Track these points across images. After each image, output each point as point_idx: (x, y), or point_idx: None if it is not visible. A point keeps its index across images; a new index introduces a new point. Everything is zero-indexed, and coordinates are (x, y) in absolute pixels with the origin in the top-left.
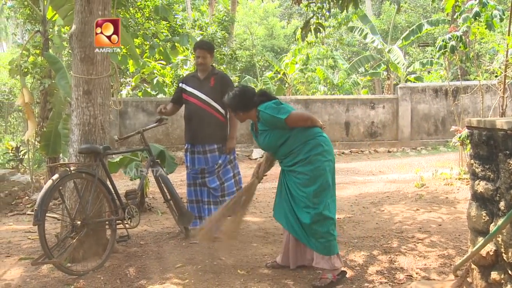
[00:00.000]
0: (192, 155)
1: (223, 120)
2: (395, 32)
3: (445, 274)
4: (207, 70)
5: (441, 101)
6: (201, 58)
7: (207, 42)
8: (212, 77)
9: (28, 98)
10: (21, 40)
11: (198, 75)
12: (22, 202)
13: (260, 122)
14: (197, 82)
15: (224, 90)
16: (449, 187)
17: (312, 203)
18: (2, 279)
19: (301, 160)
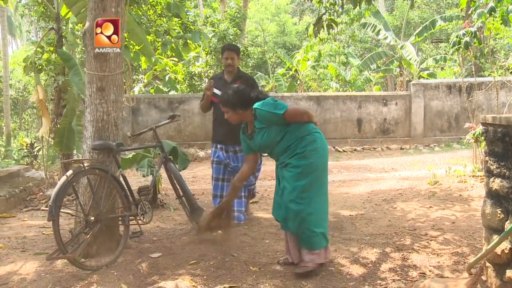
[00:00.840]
0: (227, 153)
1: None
2: (408, 28)
3: (458, 272)
4: (234, 72)
5: (455, 98)
6: (230, 59)
7: (234, 44)
8: (238, 80)
9: (42, 95)
10: (35, 37)
11: (225, 78)
12: (36, 197)
13: (257, 120)
14: (224, 84)
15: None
16: (462, 185)
17: (298, 198)
18: (17, 274)
19: (297, 154)
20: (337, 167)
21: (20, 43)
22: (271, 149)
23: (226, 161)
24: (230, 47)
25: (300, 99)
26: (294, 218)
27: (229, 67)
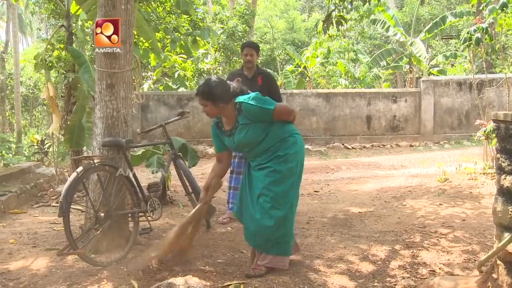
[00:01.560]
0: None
1: None
2: (418, 24)
3: (469, 270)
4: (253, 69)
5: (465, 95)
6: (249, 55)
7: (254, 42)
8: (259, 76)
9: (52, 92)
10: (46, 34)
11: (245, 74)
12: (47, 194)
13: (241, 115)
14: (246, 81)
15: (270, 89)
16: (473, 182)
17: (278, 204)
18: (29, 269)
19: (277, 157)
20: (346, 164)
21: (31, 41)
22: (251, 148)
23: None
24: (249, 44)
25: (309, 96)
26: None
27: (248, 63)
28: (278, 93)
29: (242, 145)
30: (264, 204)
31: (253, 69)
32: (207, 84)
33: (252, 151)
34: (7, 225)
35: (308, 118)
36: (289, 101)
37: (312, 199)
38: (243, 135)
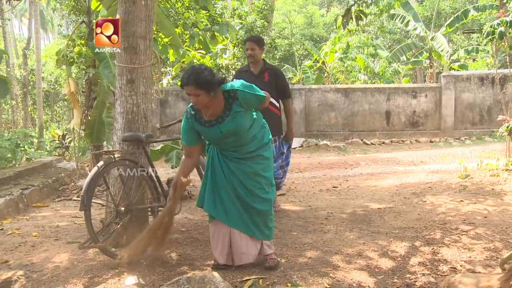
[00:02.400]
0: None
1: (279, 114)
2: (438, 19)
3: (491, 268)
4: (259, 64)
5: (487, 90)
6: (250, 50)
7: (256, 35)
8: (266, 72)
9: (73, 87)
10: (66, 31)
11: (251, 70)
12: (68, 188)
13: (236, 103)
14: (252, 77)
15: (278, 85)
16: (495, 178)
17: (269, 188)
18: (51, 261)
19: (264, 144)
20: (364, 160)
21: (52, 37)
22: (238, 138)
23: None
24: (250, 38)
25: (328, 92)
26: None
27: (250, 58)
28: (287, 88)
29: (230, 133)
30: (258, 190)
31: (258, 65)
32: (197, 72)
33: (238, 140)
34: (30, 218)
35: (326, 114)
36: (307, 96)
37: (331, 194)
38: (235, 123)
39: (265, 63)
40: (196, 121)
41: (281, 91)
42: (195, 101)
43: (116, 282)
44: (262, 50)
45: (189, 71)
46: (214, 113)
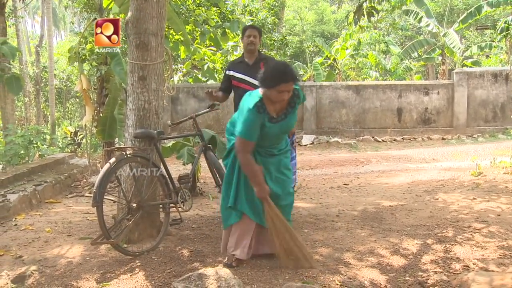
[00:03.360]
0: None
1: None
2: (451, 15)
3: (505, 266)
4: (255, 54)
5: (501, 87)
6: (252, 37)
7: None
8: (261, 62)
9: (86, 84)
10: (79, 28)
11: (246, 61)
12: (80, 184)
13: (298, 101)
14: (246, 68)
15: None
16: (509, 176)
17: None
18: (64, 257)
19: (288, 140)
20: (376, 157)
21: (64, 34)
22: (284, 135)
23: None
24: (251, 26)
25: (339, 88)
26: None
27: (251, 45)
28: None
29: (287, 130)
30: (288, 183)
31: (254, 55)
32: (291, 67)
33: (281, 137)
34: (43, 214)
35: (337, 111)
36: (318, 93)
37: (342, 192)
38: (293, 120)
39: (260, 54)
40: (263, 114)
41: None
42: (285, 97)
43: (128, 278)
44: (260, 40)
45: (284, 67)
46: (280, 109)
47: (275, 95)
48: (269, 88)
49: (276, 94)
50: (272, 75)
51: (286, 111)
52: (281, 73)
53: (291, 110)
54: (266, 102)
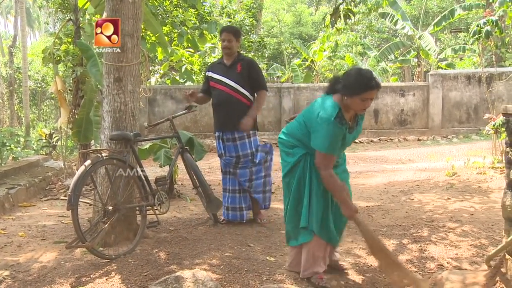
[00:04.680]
0: (223, 143)
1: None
2: (426, 18)
3: (477, 264)
4: (233, 56)
5: (474, 89)
6: (227, 41)
7: (233, 26)
8: (238, 63)
9: (60, 85)
10: (53, 29)
11: (224, 62)
12: (55, 187)
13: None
14: (223, 69)
15: (251, 76)
16: (481, 176)
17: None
18: (38, 261)
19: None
20: (353, 158)
21: (39, 35)
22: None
23: (221, 151)
24: (227, 29)
25: (317, 90)
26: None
27: (226, 49)
28: (261, 79)
29: (354, 139)
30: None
31: (232, 56)
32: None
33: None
34: (16, 218)
35: None
36: (296, 95)
37: None
38: (361, 126)
39: (239, 55)
40: (344, 125)
41: (254, 82)
42: (368, 106)
43: (103, 282)
44: (239, 42)
45: (370, 74)
46: (351, 118)
47: (357, 103)
48: (352, 96)
49: (359, 103)
50: (357, 82)
51: (356, 118)
52: (367, 80)
53: (360, 117)
54: (343, 111)
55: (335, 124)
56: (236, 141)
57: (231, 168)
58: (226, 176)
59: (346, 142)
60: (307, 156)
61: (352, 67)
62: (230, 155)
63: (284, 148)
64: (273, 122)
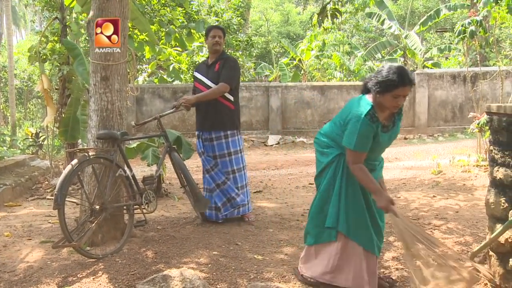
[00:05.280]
0: (203, 142)
1: (231, 107)
2: (412, 17)
3: (462, 261)
4: (218, 54)
5: (459, 88)
6: (218, 37)
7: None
8: (218, 62)
9: (47, 84)
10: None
11: (207, 61)
12: (42, 186)
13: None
14: (205, 69)
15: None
16: (466, 174)
17: None
18: (24, 261)
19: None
20: None
21: (25, 33)
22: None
23: (200, 150)
24: (216, 26)
25: (304, 89)
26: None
27: (216, 45)
28: (228, 73)
29: (392, 140)
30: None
31: (217, 55)
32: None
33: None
34: (2, 218)
35: (303, 111)
36: (284, 94)
37: (307, 191)
38: (399, 127)
39: (223, 53)
40: (376, 123)
41: (222, 76)
42: (401, 103)
43: (90, 281)
44: (224, 40)
45: (400, 70)
46: (387, 117)
47: (389, 100)
48: (383, 93)
49: (391, 100)
50: (388, 78)
51: (394, 118)
52: (398, 76)
53: (398, 117)
54: (377, 110)
55: (365, 121)
56: (213, 141)
57: (209, 167)
58: (204, 175)
59: (381, 142)
60: (341, 156)
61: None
62: (208, 154)
63: (319, 148)
64: (261, 121)
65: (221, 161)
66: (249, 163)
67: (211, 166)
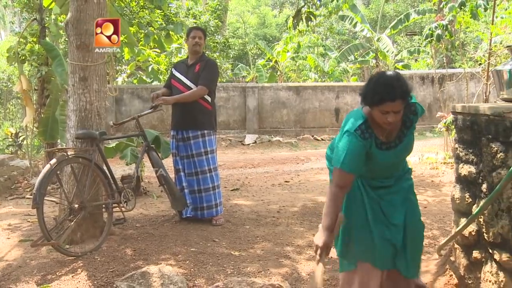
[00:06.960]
0: (177, 142)
1: (208, 107)
2: (383, 21)
3: (429, 254)
4: (198, 55)
5: (428, 88)
6: (198, 38)
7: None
8: (198, 63)
9: (26, 85)
10: (19, 28)
11: (187, 61)
12: (21, 186)
13: (415, 119)
14: (184, 68)
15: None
16: (434, 171)
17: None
18: (3, 260)
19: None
20: (315, 155)
21: (4, 34)
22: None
23: (174, 151)
24: (197, 27)
25: (280, 89)
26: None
27: (196, 46)
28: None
29: (403, 156)
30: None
31: (197, 55)
32: (402, 81)
33: (399, 165)
34: None
35: (279, 111)
36: (260, 94)
37: (283, 189)
38: (410, 143)
39: (203, 55)
40: (368, 140)
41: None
42: (394, 120)
43: (69, 279)
44: (204, 42)
45: (390, 80)
46: (392, 133)
47: (378, 116)
48: (371, 107)
49: (379, 116)
50: (374, 90)
51: (401, 133)
52: (386, 88)
53: (406, 132)
54: (373, 124)
55: (355, 136)
56: (190, 140)
57: (179, 167)
58: (176, 174)
59: (384, 162)
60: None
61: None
62: (180, 155)
63: (330, 166)
64: (238, 121)
65: (198, 160)
66: (227, 162)
67: (181, 167)
